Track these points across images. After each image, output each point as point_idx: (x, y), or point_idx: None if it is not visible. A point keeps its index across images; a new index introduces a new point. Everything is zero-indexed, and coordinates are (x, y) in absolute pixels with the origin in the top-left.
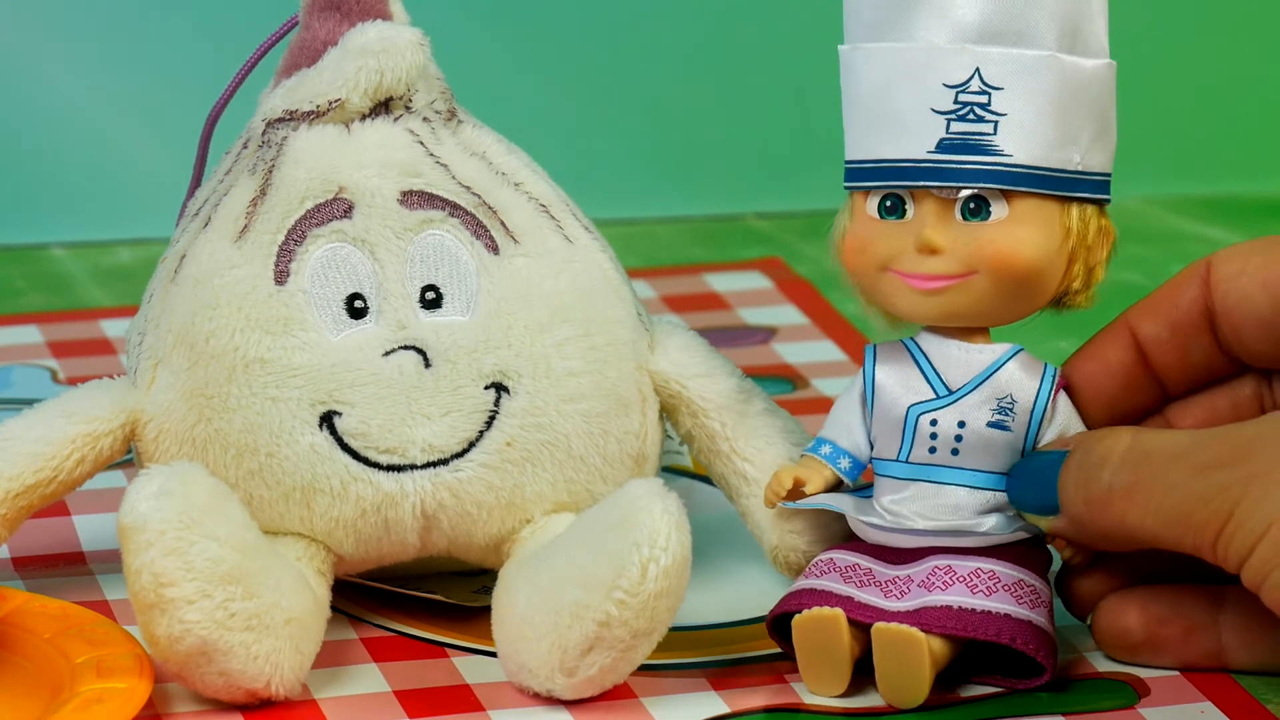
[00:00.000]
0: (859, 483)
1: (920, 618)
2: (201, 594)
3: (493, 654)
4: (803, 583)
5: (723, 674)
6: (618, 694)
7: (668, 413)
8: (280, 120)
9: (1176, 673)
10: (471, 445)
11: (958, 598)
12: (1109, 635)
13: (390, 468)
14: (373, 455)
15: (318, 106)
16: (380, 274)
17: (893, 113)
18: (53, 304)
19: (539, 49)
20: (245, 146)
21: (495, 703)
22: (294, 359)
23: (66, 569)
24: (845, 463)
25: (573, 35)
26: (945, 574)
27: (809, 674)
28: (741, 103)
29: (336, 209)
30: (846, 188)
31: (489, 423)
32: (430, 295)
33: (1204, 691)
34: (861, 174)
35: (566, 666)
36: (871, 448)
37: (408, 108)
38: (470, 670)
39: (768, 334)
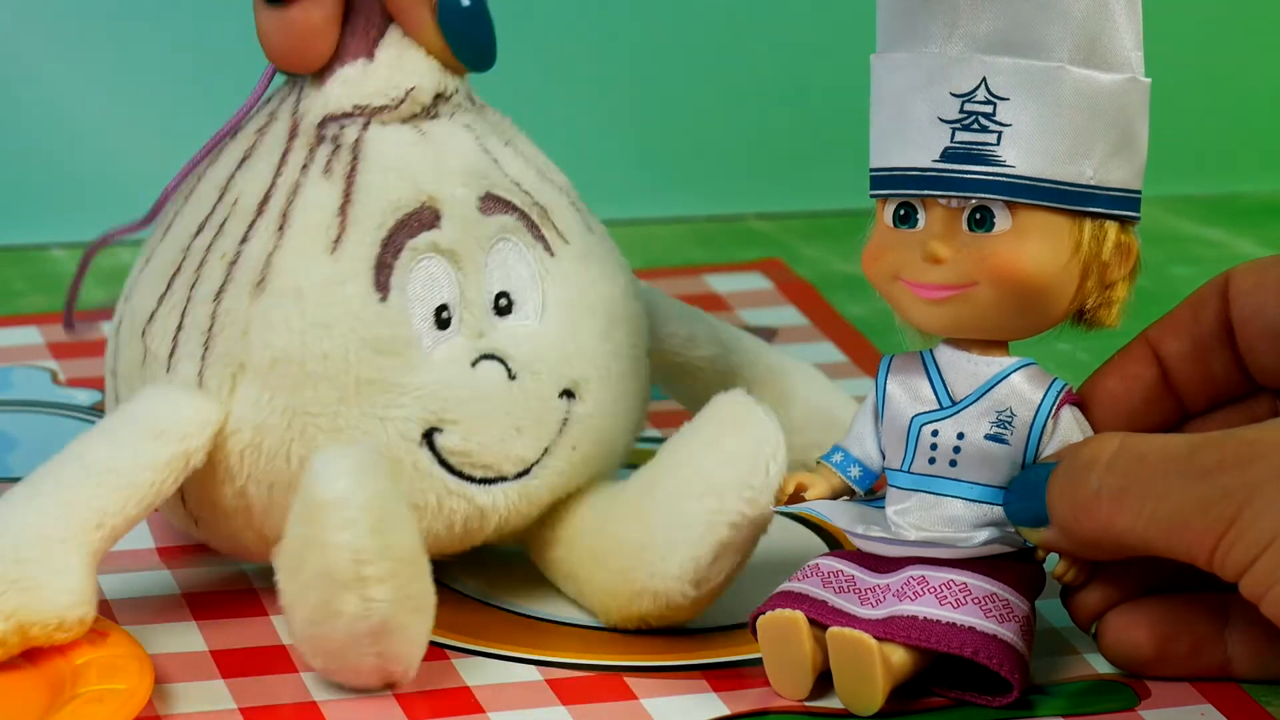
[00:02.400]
0: (871, 493)
1: (886, 626)
2: (391, 573)
3: (494, 654)
4: (784, 585)
5: (723, 675)
6: (617, 694)
7: (668, 380)
8: (345, 115)
9: None
10: (546, 452)
11: (925, 608)
12: (1117, 650)
13: (484, 480)
14: (469, 470)
15: (391, 99)
16: (463, 284)
17: (905, 121)
18: (53, 305)
19: (539, 49)
20: (294, 136)
21: (495, 704)
22: (402, 378)
23: None
24: (856, 471)
25: (573, 35)
26: (918, 584)
27: (772, 675)
28: (742, 103)
29: (425, 219)
30: (870, 195)
31: (560, 430)
32: (503, 302)
33: (1204, 694)
34: (877, 182)
35: (698, 577)
36: (884, 457)
37: (446, 97)
38: (470, 671)
39: (768, 335)
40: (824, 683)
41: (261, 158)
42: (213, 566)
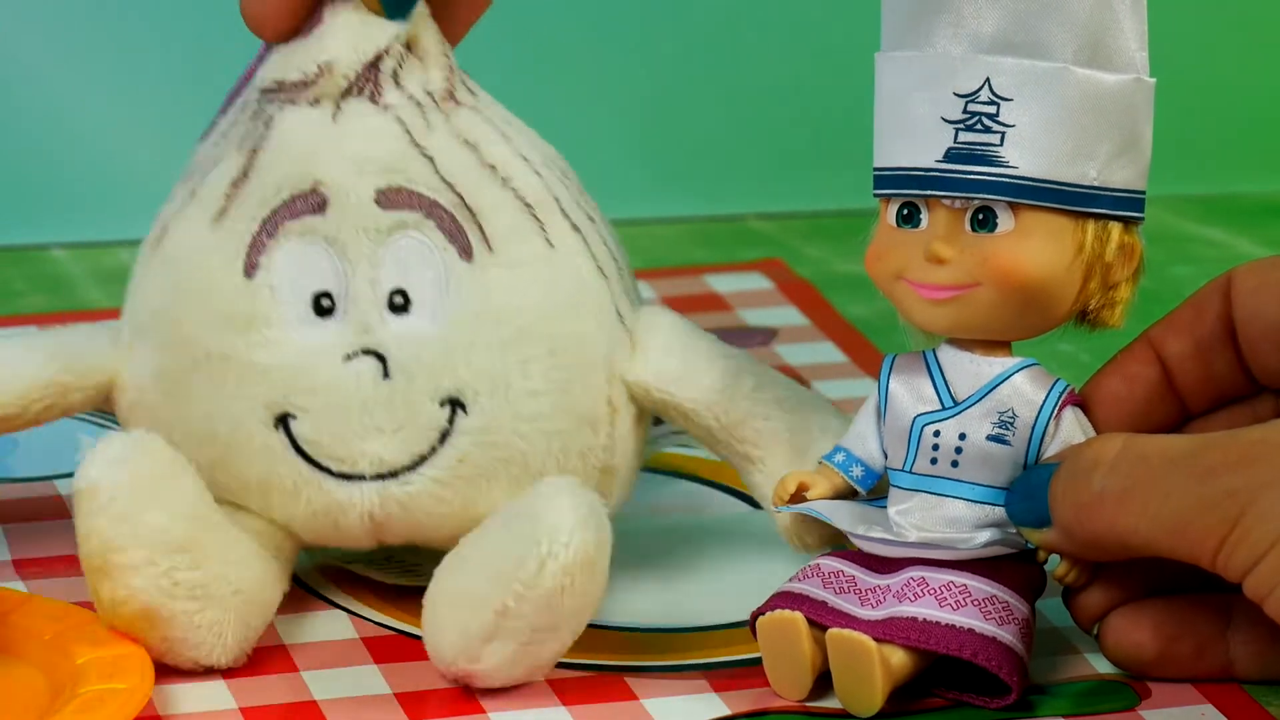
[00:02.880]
0: (875, 492)
1: (885, 628)
2: (147, 561)
3: None
4: (785, 585)
5: (723, 675)
6: (618, 694)
7: (659, 413)
8: (270, 91)
9: None
10: (423, 460)
11: (925, 610)
12: (1119, 651)
13: (341, 475)
14: (324, 461)
15: (306, 75)
16: (349, 274)
17: (909, 121)
18: (53, 305)
19: (539, 48)
20: (245, 109)
21: (495, 704)
22: (255, 356)
23: (66, 570)
24: (858, 471)
25: (573, 35)
26: (918, 585)
27: (772, 676)
28: (742, 103)
29: (311, 203)
30: (874, 195)
31: (442, 439)
32: (399, 300)
33: (1204, 694)
34: (881, 181)
35: (469, 653)
36: (886, 457)
37: (398, 84)
38: None
39: (769, 335)
40: (824, 683)
41: (217, 133)
42: None
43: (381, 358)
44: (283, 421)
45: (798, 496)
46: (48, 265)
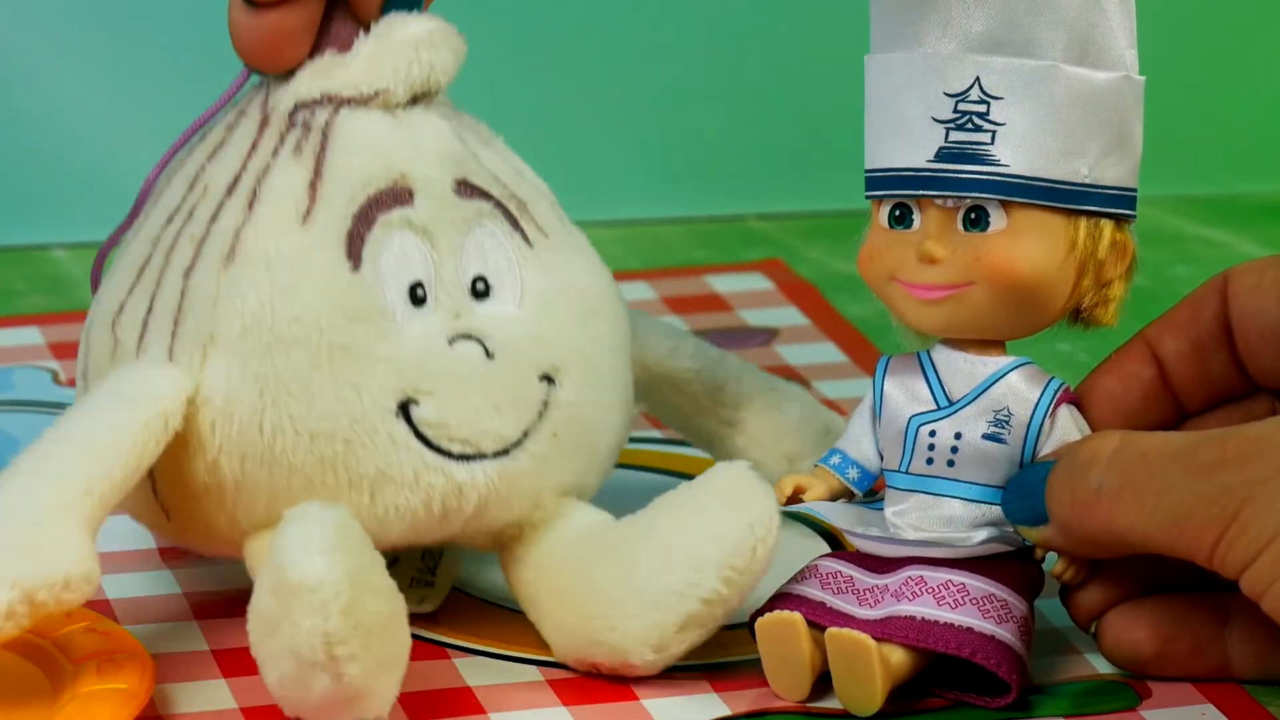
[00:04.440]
0: (871, 494)
1: (884, 627)
2: (364, 648)
3: (494, 654)
4: (783, 587)
5: (724, 675)
6: (618, 694)
7: (648, 391)
8: (314, 103)
9: None
10: (526, 435)
11: (923, 609)
12: (1117, 650)
13: (462, 457)
14: (446, 445)
15: (361, 93)
16: (438, 263)
17: (900, 121)
18: (54, 305)
19: (539, 48)
20: (264, 126)
21: (496, 704)
22: (376, 347)
23: None
24: (854, 473)
25: (573, 35)
26: (916, 584)
27: (771, 677)
28: (742, 103)
29: (399, 194)
30: (865, 197)
31: (540, 414)
32: (480, 286)
33: (1205, 694)
34: (873, 183)
35: (660, 643)
36: (882, 458)
37: (435, 96)
38: (471, 672)
39: (769, 335)
40: (823, 683)
41: (231, 148)
42: (213, 566)
43: (480, 341)
44: (404, 410)
45: (794, 498)
46: (48, 265)
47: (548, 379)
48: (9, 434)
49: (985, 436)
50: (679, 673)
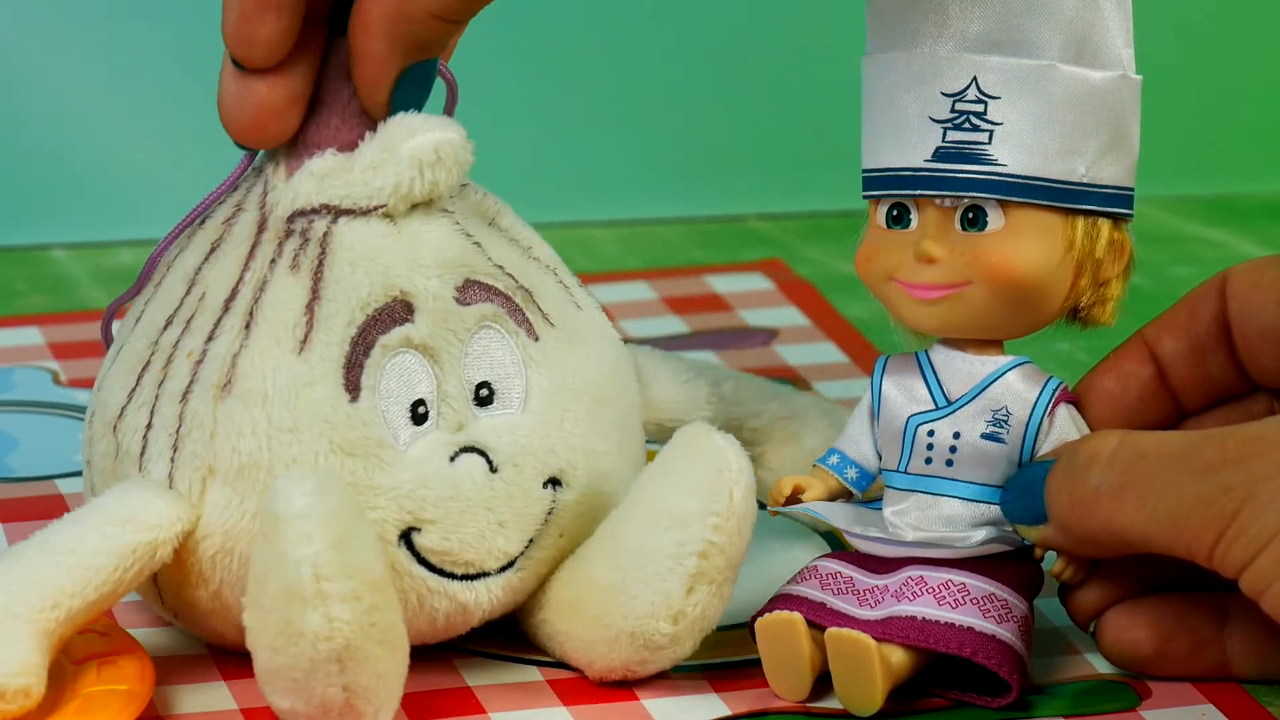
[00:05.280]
0: (870, 494)
1: (884, 627)
2: (354, 595)
3: (494, 654)
4: (783, 588)
5: (724, 675)
6: (618, 695)
7: (665, 438)
8: (313, 211)
9: None
10: (532, 542)
11: (923, 609)
12: (1116, 649)
13: (466, 577)
14: (450, 568)
15: (360, 207)
16: (440, 378)
17: (897, 121)
18: (54, 305)
19: (539, 48)
20: (262, 230)
21: (496, 704)
22: (375, 479)
23: None
24: (852, 473)
25: (573, 34)
26: (916, 584)
27: (771, 677)
28: (742, 103)
29: (397, 313)
30: (863, 197)
31: (546, 520)
32: (484, 393)
33: (1205, 694)
34: (870, 183)
35: (672, 612)
36: (880, 458)
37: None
38: (471, 672)
39: (769, 336)
40: (823, 683)
41: (229, 250)
42: None
43: (482, 453)
44: (405, 538)
45: (793, 499)
46: (48, 265)
47: (554, 482)
48: (9, 434)
49: (984, 436)
50: (679, 673)
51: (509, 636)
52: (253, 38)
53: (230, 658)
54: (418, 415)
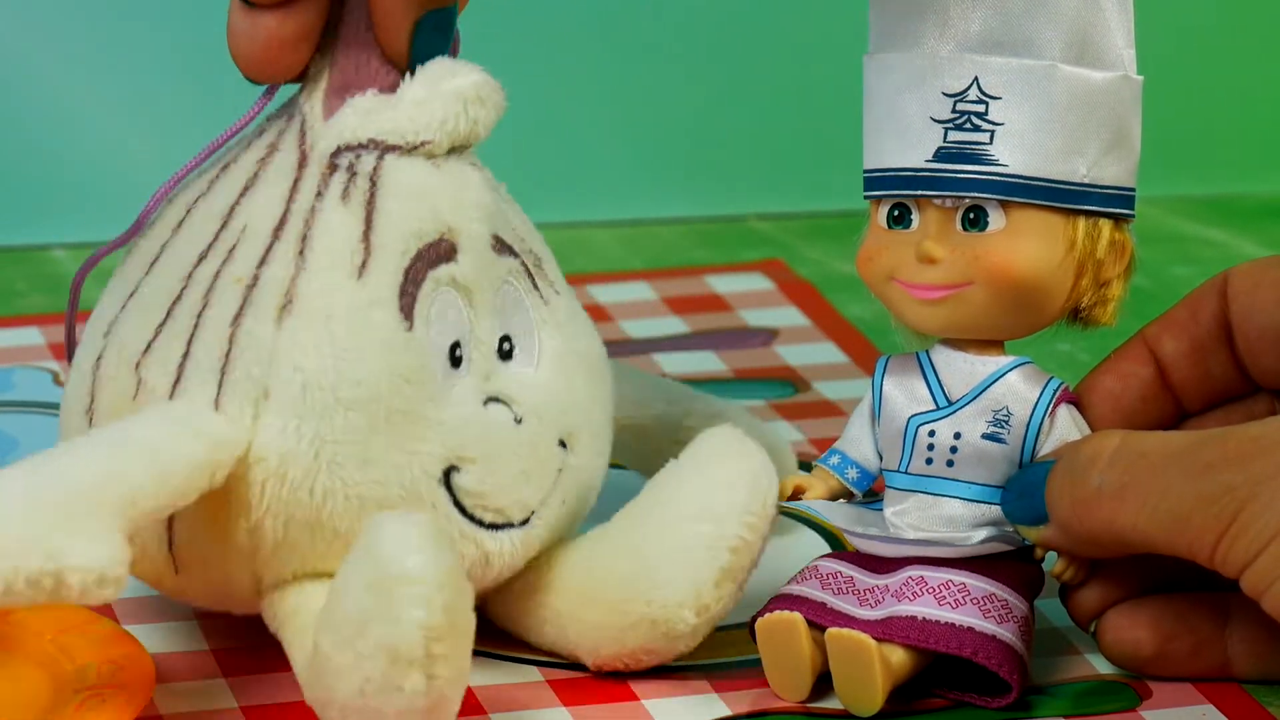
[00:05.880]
0: (871, 494)
1: (885, 627)
2: (456, 651)
3: (494, 654)
4: (783, 588)
5: (724, 675)
6: (618, 694)
7: (619, 434)
8: (360, 147)
9: None
10: (543, 502)
11: (924, 609)
12: (1117, 649)
13: (493, 526)
14: (480, 514)
15: (407, 141)
16: (474, 322)
17: (898, 122)
18: (54, 305)
19: (538, 48)
20: (304, 165)
21: (495, 704)
22: (428, 411)
23: None
24: (853, 473)
25: (573, 34)
26: (917, 584)
27: (772, 677)
28: (742, 103)
29: (444, 250)
30: (864, 197)
31: (555, 480)
32: (506, 346)
33: (1205, 694)
34: (871, 183)
35: (700, 603)
36: (881, 459)
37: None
38: (472, 672)
39: (769, 336)
40: (823, 684)
41: (268, 185)
42: None
43: (506, 403)
44: (446, 477)
45: (794, 498)
46: (48, 265)
47: (562, 444)
48: (9, 434)
49: (985, 436)
50: (679, 673)
51: (509, 636)
52: None
53: (231, 658)
54: (455, 358)
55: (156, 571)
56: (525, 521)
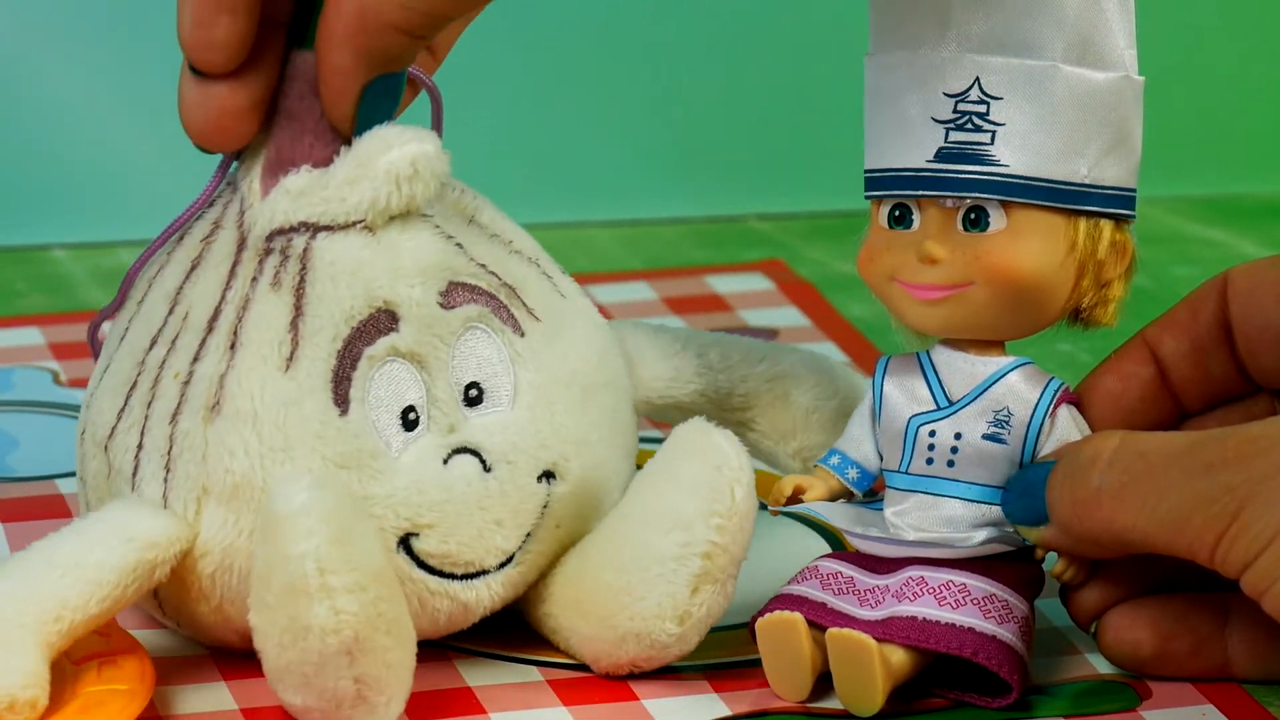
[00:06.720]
0: (871, 494)
1: (885, 627)
2: (358, 586)
3: (494, 654)
4: (783, 588)
5: (724, 675)
6: (618, 694)
7: (656, 416)
8: (291, 230)
9: None
10: (529, 536)
11: (924, 609)
12: (1117, 649)
13: (466, 576)
14: (449, 569)
15: (338, 222)
16: (429, 383)
17: (899, 122)
18: (54, 305)
19: (539, 49)
20: (242, 248)
21: (496, 704)
22: (370, 489)
23: None
24: (853, 473)
25: (573, 35)
26: (917, 585)
27: (772, 677)
28: (743, 103)
29: (382, 323)
30: (866, 197)
31: (542, 514)
32: (473, 393)
33: (1205, 694)
34: (872, 183)
35: (678, 613)
36: (881, 459)
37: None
38: (470, 671)
39: (769, 336)
40: (823, 684)
41: (210, 269)
42: None
43: (475, 452)
44: (404, 543)
45: (794, 499)
46: (48, 265)
47: (548, 476)
48: (9, 434)
49: (985, 436)
50: (679, 673)
51: (509, 636)
52: (210, 42)
53: (231, 658)
54: (408, 422)
55: (166, 623)
56: (504, 564)
